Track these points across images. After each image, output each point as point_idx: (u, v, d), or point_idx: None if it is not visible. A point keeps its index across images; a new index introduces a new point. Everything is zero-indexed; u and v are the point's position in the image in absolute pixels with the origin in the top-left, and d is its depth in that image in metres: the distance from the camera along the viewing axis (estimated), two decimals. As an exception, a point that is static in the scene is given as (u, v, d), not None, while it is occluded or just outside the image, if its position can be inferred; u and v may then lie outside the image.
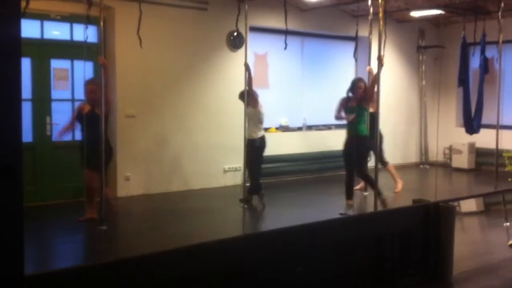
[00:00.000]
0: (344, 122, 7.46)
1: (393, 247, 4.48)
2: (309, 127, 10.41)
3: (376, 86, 6.65)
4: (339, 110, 7.25)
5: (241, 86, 7.42)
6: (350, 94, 7.22)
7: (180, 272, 3.23)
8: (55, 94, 7.61)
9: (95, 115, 6.19)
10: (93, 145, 5.99)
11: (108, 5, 7.49)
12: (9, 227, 2.10)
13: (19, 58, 2.11)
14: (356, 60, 8.90)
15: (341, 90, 10.94)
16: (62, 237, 6.22)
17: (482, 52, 9.03)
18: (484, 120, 9.38)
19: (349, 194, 7.17)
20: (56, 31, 7.69)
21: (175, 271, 3.21)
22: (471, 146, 10.97)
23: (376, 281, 4.34)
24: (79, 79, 7.48)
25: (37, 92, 7.41)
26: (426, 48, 11.80)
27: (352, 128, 7.10)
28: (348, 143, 7.15)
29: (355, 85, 7.17)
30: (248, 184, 7.50)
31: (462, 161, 11.06)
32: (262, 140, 7.45)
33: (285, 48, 7.04)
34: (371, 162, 7.56)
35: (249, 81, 7.26)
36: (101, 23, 6.46)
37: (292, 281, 3.78)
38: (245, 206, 7.36)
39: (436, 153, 11.29)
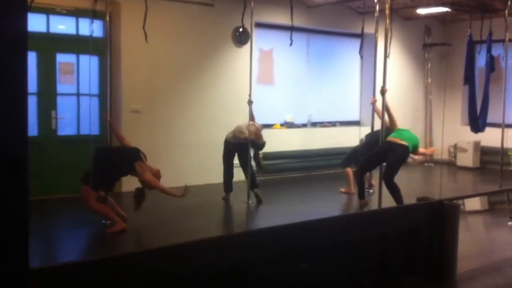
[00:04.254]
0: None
1: (397, 245, 4.47)
2: (314, 124, 10.39)
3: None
4: None
5: (246, 82, 7.40)
6: None
7: (185, 268, 3.23)
8: (60, 88, 7.63)
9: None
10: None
11: (114, -1, 7.50)
12: (15, 221, 2.11)
13: (25, 52, 2.11)
14: (361, 57, 8.86)
15: (347, 87, 11.06)
16: (68, 231, 6.23)
17: (488, 50, 8.99)
18: (490, 119, 9.34)
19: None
20: (62, 25, 7.70)
21: (180, 266, 3.22)
22: (476, 144, 10.94)
23: (379, 279, 4.34)
24: (85, 73, 7.49)
25: (42, 86, 7.43)
26: (432, 46, 11.76)
27: None
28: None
29: None
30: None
31: (467, 159, 11.03)
32: None
33: (291, 44, 7.01)
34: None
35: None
36: (107, 18, 6.49)
37: (296, 277, 3.78)
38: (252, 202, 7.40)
39: (441, 151, 11.26)
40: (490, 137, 9.96)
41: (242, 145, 7.45)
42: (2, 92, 2.04)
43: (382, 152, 6.76)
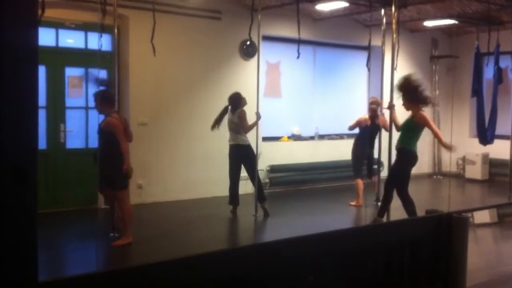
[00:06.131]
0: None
1: (405, 258, 4.44)
2: (321, 136, 10.39)
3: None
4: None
5: (253, 95, 7.42)
6: None
7: (190, 280, 3.23)
8: (69, 101, 7.68)
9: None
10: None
11: (122, 13, 7.56)
12: (23, 232, 2.12)
13: (35, 65, 2.14)
14: (369, 70, 8.88)
15: (354, 99, 11.05)
16: (74, 243, 6.25)
17: (496, 62, 8.99)
18: (498, 131, 9.31)
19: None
20: (71, 39, 7.77)
21: (185, 279, 3.21)
22: (485, 156, 10.88)
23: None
24: (93, 87, 7.55)
25: (51, 99, 7.48)
26: (439, 58, 11.76)
27: None
28: None
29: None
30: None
31: (475, 172, 10.97)
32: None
33: (298, 57, 7.05)
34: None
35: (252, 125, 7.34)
36: (115, 32, 6.54)
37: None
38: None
39: (449, 164, 11.21)
40: (499, 149, 9.91)
41: (243, 150, 7.38)
42: (13, 104, 2.06)
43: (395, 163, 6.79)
